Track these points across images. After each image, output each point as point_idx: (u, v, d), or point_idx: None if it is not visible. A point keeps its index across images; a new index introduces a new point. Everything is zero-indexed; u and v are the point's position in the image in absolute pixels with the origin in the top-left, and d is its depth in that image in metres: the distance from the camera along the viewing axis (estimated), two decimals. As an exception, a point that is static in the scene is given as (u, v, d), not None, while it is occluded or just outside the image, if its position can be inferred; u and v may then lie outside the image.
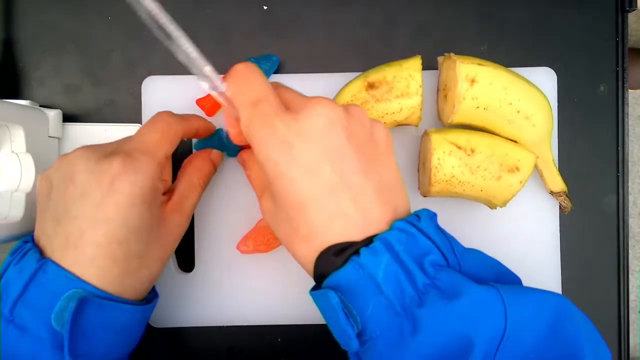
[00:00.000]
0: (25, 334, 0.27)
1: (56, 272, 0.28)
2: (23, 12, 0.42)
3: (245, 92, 0.29)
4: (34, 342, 0.27)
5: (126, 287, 0.29)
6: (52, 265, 0.28)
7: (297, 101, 0.29)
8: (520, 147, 0.37)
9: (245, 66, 0.30)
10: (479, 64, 0.36)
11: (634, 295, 1.15)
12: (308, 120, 0.27)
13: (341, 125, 0.27)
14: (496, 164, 0.36)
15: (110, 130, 0.42)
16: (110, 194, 0.28)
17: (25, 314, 0.28)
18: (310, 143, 0.27)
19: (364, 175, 0.28)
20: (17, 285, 0.28)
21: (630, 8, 0.41)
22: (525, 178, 0.36)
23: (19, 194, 0.37)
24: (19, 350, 0.27)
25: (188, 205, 0.34)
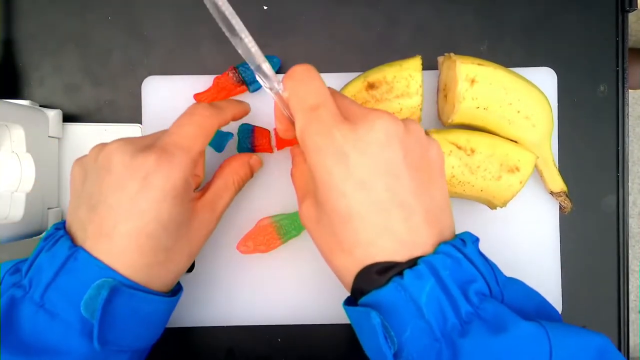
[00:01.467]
0: (55, 319, 0.28)
1: (87, 260, 0.28)
2: (23, 12, 0.42)
3: (303, 96, 0.29)
4: (64, 327, 0.28)
5: (153, 279, 0.30)
6: (83, 254, 0.28)
7: (356, 112, 0.29)
8: (520, 147, 0.37)
9: (305, 69, 0.29)
10: (479, 64, 0.36)
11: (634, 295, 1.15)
12: (367, 133, 0.27)
13: (399, 141, 0.27)
14: (496, 164, 0.36)
15: (110, 130, 0.42)
16: (144, 188, 0.29)
17: (55, 299, 0.28)
18: (366, 157, 0.26)
19: (416, 195, 0.27)
20: (48, 272, 0.28)
21: (630, 8, 0.41)
22: (525, 178, 0.36)
23: (19, 194, 0.37)
24: (48, 335, 0.28)
25: (220, 205, 0.34)
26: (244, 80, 0.39)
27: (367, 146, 0.27)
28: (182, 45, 0.42)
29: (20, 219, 0.37)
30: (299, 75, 0.29)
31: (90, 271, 0.28)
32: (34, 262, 0.30)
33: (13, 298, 0.29)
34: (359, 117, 0.28)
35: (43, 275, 0.29)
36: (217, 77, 0.40)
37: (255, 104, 0.41)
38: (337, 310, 0.41)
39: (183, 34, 0.42)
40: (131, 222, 0.29)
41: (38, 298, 0.28)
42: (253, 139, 0.40)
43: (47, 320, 0.28)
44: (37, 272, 0.29)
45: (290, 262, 0.41)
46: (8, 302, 0.28)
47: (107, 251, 0.29)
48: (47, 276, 0.28)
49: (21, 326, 0.28)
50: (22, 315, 0.28)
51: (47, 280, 0.28)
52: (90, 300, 0.28)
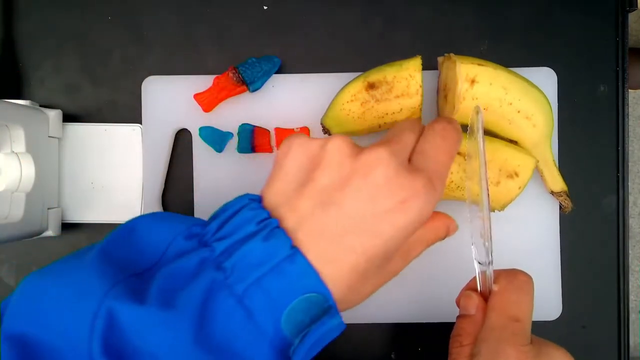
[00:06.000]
0: (250, 320, 0.25)
1: (304, 267, 0.25)
2: (23, 12, 0.42)
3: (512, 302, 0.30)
4: (256, 331, 0.25)
5: (343, 304, 0.27)
6: (302, 259, 0.25)
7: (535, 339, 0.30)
8: (519, 152, 0.37)
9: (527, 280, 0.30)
10: (479, 64, 0.36)
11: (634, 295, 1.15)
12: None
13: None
14: (495, 169, 0.36)
15: (110, 130, 0.42)
16: (396, 210, 0.26)
17: (257, 298, 0.25)
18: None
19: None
20: (261, 267, 0.25)
21: (630, 8, 0.41)
22: (524, 183, 0.36)
23: (19, 194, 0.37)
24: (237, 335, 0.25)
25: (412, 256, 0.31)
26: (244, 80, 0.39)
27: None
28: (182, 45, 0.42)
29: (20, 219, 0.37)
30: (519, 282, 0.30)
31: (304, 280, 0.25)
32: (239, 246, 0.26)
33: (214, 282, 0.25)
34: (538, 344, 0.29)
35: (253, 268, 0.25)
36: (217, 77, 0.40)
37: (255, 104, 0.41)
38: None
39: (183, 34, 0.42)
40: (363, 237, 0.26)
41: (240, 291, 0.25)
42: (253, 139, 0.40)
43: (242, 319, 0.25)
44: (243, 261, 0.25)
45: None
46: (208, 286, 0.25)
47: (320, 255, 0.26)
48: (259, 271, 0.25)
49: (216, 319, 0.24)
50: (220, 307, 0.24)
51: (257, 276, 0.25)
52: (295, 313, 0.25)
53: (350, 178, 0.27)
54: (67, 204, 0.42)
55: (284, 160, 0.29)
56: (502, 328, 0.29)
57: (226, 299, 0.24)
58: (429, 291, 0.41)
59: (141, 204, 0.42)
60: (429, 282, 0.41)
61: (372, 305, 0.41)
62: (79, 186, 0.42)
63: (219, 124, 0.41)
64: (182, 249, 0.27)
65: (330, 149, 0.27)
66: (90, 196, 0.42)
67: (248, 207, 0.27)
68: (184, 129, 0.42)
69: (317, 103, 0.41)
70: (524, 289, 0.30)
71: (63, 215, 0.41)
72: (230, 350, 0.24)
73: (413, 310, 0.41)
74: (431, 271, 0.41)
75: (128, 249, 0.27)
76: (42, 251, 0.43)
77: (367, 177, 0.26)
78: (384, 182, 0.26)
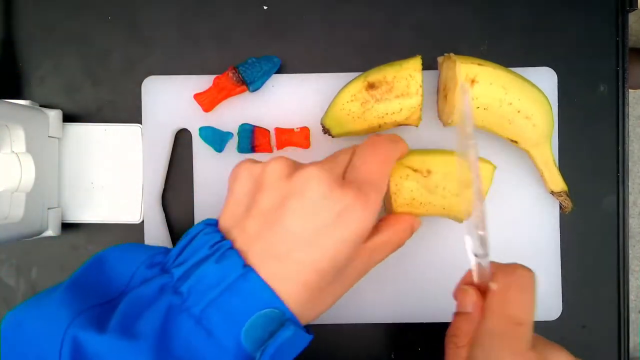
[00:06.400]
0: (210, 338, 0.26)
1: (258, 284, 0.27)
2: (23, 12, 0.42)
3: (513, 303, 0.28)
4: (218, 349, 0.26)
5: (304, 316, 0.28)
6: (255, 276, 0.27)
7: (537, 342, 0.28)
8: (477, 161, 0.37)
9: (530, 278, 0.28)
10: (479, 64, 0.36)
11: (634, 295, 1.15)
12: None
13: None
14: (454, 181, 0.36)
15: (110, 130, 0.42)
16: (335, 224, 0.27)
17: (215, 317, 0.26)
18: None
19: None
20: (215, 287, 0.26)
21: (630, 8, 0.41)
22: (485, 190, 0.36)
23: (19, 194, 0.37)
24: (200, 355, 0.26)
25: (377, 258, 0.32)
26: (244, 80, 0.39)
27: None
28: (182, 45, 0.42)
29: (20, 219, 0.37)
30: (520, 279, 0.28)
31: (259, 297, 0.26)
32: (193, 269, 0.27)
33: (171, 306, 0.26)
34: (540, 348, 0.27)
35: (208, 289, 0.26)
36: (217, 77, 0.40)
37: (255, 104, 0.41)
38: (337, 310, 0.41)
39: (183, 34, 0.42)
40: (308, 253, 0.27)
41: (198, 312, 0.26)
42: (253, 139, 0.40)
43: (203, 339, 0.26)
44: (198, 283, 0.27)
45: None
46: (165, 310, 0.26)
47: (272, 273, 0.27)
48: (214, 292, 0.26)
49: (177, 340, 0.26)
50: (180, 328, 0.26)
51: (213, 297, 0.26)
52: (254, 329, 0.26)
53: (288, 197, 0.28)
54: (67, 204, 0.42)
55: (233, 185, 0.31)
56: (502, 333, 0.27)
57: (185, 322, 0.26)
58: (428, 291, 0.41)
59: (141, 204, 0.42)
60: (429, 282, 0.41)
61: (372, 305, 0.41)
62: (79, 186, 0.42)
63: (219, 124, 0.41)
64: (144, 277, 0.28)
65: (268, 172, 0.29)
66: (90, 196, 0.42)
67: (203, 232, 0.29)
68: (184, 129, 0.42)
69: (317, 103, 0.41)
70: (525, 286, 0.28)
71: (63, 215, 0.41)
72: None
73: (413, 310, 0.41)
74: (431, 271, 0.41)
75: (96, 280, 0.29)
76: (42, 251, 0.43)
77: (303, 195, 0.28)
78: (318, 198, 0.28)
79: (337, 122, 0.38)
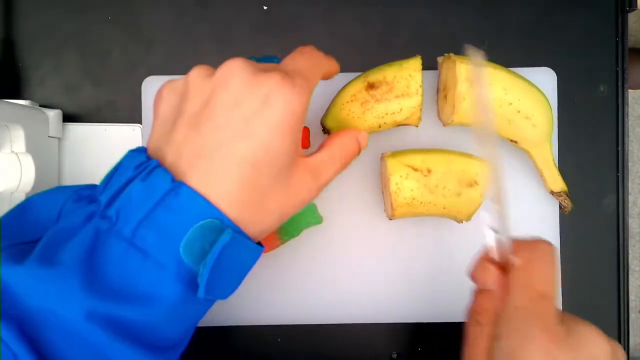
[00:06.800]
0: (147, 259, 0.24)
1: (191, 196, 0.25)
2: (23, 12, 0.42)
3: (537, 276, 0.27)
4: (156, 270, 0.24)
5: (248, 225, 0.26)
6: (186, 188, 0.25)
7: (565, 317, 0.26)
8: (476, 160, 0.37)
9: (551, 251, 0.27)
10: (479, 64, 0.36)
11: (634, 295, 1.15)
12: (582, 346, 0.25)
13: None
14: (454, 180, 0.36)
15: (110, 130, 0.42)
16: (262, 108, 0.26)
17: (149, 237, 0.25)
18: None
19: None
20: (143, 205, 0.25)
21: (630, 8, 0.41)
22: (485, 190, 0.36)
23: (19, 194, 0.37)
24: (137, 278, 0.24)
25: (324, 176, 0.30)
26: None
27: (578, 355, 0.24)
28: (182, 45, 0.42)
29: (20, 219, 0.36)
30: (543, 253, 0.27)
31: (193, 209, 0.25)
32: (120, 192, 0.26)
33: (98, 230, 0.25)
34: (569, 324, 0.26)
35: (136, 208, 0.25)
36: (217, 77, 0.40)
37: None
38: (337, 311, 0.41)
39: (183, 34, 0.42)
40: (239, 143, 0.26)
41: (129, 233, 0.24)
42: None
43: (138, 260, 0.24)
44: (126, 204, 0.25)
45: (290, 262, 0.41)
46: (93, 236, 0.25)
47: (204, 175, 0.25)
48: (143, 210, 0.25)
49: (108, 265, 0.24)
50: (110, 252, 0.24)
51: (142, 215, 0.24)
52: (192, 243, 0.24)
53: (213, 94, 0.27)
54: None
55: (157, 107, 0.29)
56: (528, 307, 0.26)
57: (116, 244, 0.24)
58: (429, 291, 0.41)
59: (141, 204, 0.42)
60: (429, 282, 0.41)
61: (373, 305, 0.41)
62: (79, 186, 0.42)
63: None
64: (71, 211, 0.27)
65: (190, 79, 0.28)
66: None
67: (128, 157, 0.28)
68: (184, 129, 0.42)
69: (317, 103, 0.41)
70: (548, 260, 0.27)
71: (63, 215, 0.41)
72: (135, 292, 0.24)
73: (413, 310, 0.41)
74: (431, 271, 0.41)
75: (21, 223, 0.27)
76: (42, 251, 0.43)
77: (227, 87, 0.27)
78: (243, 85, 0.27)
79: (338, 122, 0.38)
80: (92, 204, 0.27)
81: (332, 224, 0.41)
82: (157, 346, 0.26)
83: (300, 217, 0.39)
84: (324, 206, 0.40)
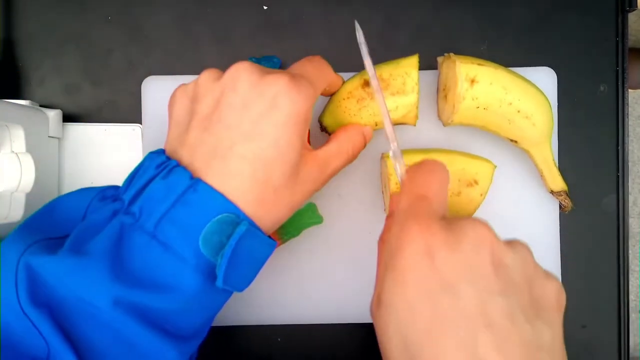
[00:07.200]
0: (168, 251, 0.26)
1: (208, 192, 0.27)
2: (23, 12, 0.42)
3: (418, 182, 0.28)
4: (177, 261, 0.26)
5: (262, 219, 0.28)
6: (203, 185, 0.27)
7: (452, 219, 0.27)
8: (476, 160, 0.37)
9: (435, 163, 0.29)
10: (479, 64, 0.36)
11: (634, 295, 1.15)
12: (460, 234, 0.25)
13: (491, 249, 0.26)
14: (454, 180, 0.36)
15: (110, 130, 0.42)
16: (270, 109, 0.28)
17: (170, 231, 0.26)
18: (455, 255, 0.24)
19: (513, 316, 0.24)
20: (164, 201, 0.27)
21: (630, 8, 0.41)
22: (485, 190, 0.36)
23: (19, 194, 0.37)
24: (159, 268, 0.26)
25: (331, 167, 0.32)
26: (244, 80, 0.39)
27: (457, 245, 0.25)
28: (182, 45, 0.42)
29: (20, 219, 0.37)
30: (426, 166, 0.29)
31: (211, 204, 0.27)
32: (143, 190, 0.28)
33: (123, 225, 0.27)
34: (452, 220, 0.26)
35: (157, 204, 0.27)
36: (217, 77, 0.40)
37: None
38: (337, 310, 0.41)
39: (183, 34, 0.42)
40: (250, 143, 0.27)
41: (152, 228, 0.26)
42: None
43: (160, 253, 0.26)
44: (148, 201, 0.27)
45: (290, 262, 0.41)
46: (118, 230, 0.27)
47: (218, 174, 0.27)
48: (164, 206, 0.26)
49: (132, 256, 0.26)
50: (134, 245, 0.26)
51: (163, 210, 0.26)
52: (210, 236, 0.26)
53: (222, 96, 0.29)
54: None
55: (172, 110, 0.31)
56: (408, 207, 0.27)
57: (139, 238, 0.26)
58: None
59: (141, 203, 0.42)
60: (428, 282, 0.41)
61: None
62: (79, 186, 0.41)
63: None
64: (97, 209, 0.29)
65: (200, 82, 0.30)
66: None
67: (148, 158, 0.30)
68: (183, 129, 0.42)
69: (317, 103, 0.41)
70: (431, 170, 0.28)
71: (63, 215, 0.42)
72: (157, 282, 0.26)
73: (413, 310, 0.41)
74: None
75: (50, 220, 0.29)
76: (42, 251, 0.43)
77: (235, 88, 0.28)
78: (250, 87, 0.28)
79: (334, 119, 0.37)
80: (116, 202, 0.29)
81: (332, 223, 0.41)
82: (178, 335, 0.27)
83: (300, 217, 0.39)
84: (324, 206, 0.40)
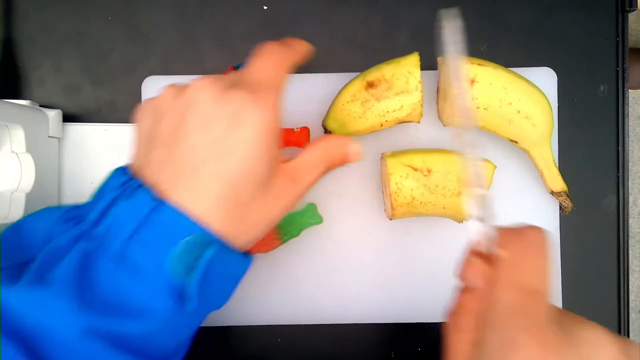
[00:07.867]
0: (137, 276, 0.25)
1: (173, 213, 0.26)
2: (23, 12, 0.42)
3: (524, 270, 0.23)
4: (147, 285, 0.25)
5: (230, 234, 0.27)
6: (167, 207, 0.26)
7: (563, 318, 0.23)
8: None
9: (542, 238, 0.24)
10: (479, 64, 0.36)
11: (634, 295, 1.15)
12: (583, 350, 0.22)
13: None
14: (454, 180, 0.36)
15: (110, 130, 0.42)
16: (234, 127, 0.27)
17: (137, 253, 0.25)
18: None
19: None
20: (129, 224, 0.26)
21: (630, 8, 0.41)
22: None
23: (19, 194, 0.37)
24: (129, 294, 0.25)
25: (304, 181, 0.30)
26: (244, 80, 0.39)
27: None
28: (182, 45, 0.42)
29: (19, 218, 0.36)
30: (531, 242, 0.24)
31: (177, 226, 0.25)
32: (107, 211, 0.26)
33: (86, 252, 0.26)
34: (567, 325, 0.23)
35: (122, 227, 0.26)
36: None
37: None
38: (337, 310, 0.41)
39: (183, 34, 0.42)
40: (216, 162, 0.26)
41: (117, 251, 0.25)
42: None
43: (128, 277, 0.25)
44: (113, 223, 0.26)
45: (290, 262, 0.41)
46: (81, 257, 0.25)
47: (186, 194, 0.26)
48: (128, 228, 0.25)
49: (99, 283, 0.25)
50: (100, 271, 0.25)
51: (129, 233, 0.25)
52: (179, 257, 0.25)
53: (183, 115, 0.27)
54: (67, 203, 0.42)
55: (136, 127, 0.30)
56: (515, 305, 0.22)
57: (105, 264, 0.25)
58: (429, 291, 0.41)
59: (141, 204, 0.42)
60: (429, 282, 0.41)
61: (372, 305, 0.41)
62: (79, 186, 0.42)
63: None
64: (61, 232, 0.27)
65: (160, 100, 0.29)
66: (90, 196, 0.42)
67: (112, 177, 0.28)
68: (184, 129, 0.42)
69: (317, 103, 0.41)
70: (538, 250, 0.23)
71: (63, 215, 0.41)
72: (127, 307, 0.25)
73: (413, 310, 0.41)
74: (432, 271, 0.41)
75: (12, 245, 0.28)
76: (42, 251, 0.43)
77: (196, 107, 0.27)
78: (211, 104, 0.27)
79: (339, 123, 0.38)
80: (80, 224, 0.27)
81: (332, 224, 0.41)
82: (155, 356, 0.26)
83: (300, 217, 0.39)
84: (324, 206, 0.40)
